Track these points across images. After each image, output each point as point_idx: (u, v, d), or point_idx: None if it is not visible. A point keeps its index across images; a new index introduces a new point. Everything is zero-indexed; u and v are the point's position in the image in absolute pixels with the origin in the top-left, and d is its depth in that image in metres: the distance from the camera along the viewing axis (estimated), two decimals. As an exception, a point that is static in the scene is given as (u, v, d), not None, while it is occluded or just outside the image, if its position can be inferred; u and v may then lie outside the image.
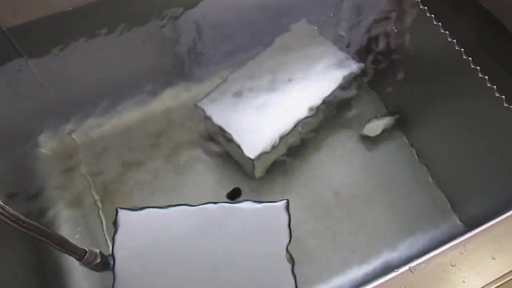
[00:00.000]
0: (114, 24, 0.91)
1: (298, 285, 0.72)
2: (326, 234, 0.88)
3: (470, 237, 0.53)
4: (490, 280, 0.51)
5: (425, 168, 0.94)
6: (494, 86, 0.74)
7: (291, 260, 0.74)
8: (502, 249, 0.52)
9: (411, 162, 0.95)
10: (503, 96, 0.73)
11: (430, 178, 0.93)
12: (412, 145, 0.96)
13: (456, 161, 0.91)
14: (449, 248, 0.52)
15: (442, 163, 0.94)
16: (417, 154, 0.96)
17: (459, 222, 0.90)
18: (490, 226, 0.54)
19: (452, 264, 0.51)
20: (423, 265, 0.51)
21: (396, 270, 0.51)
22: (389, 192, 0.92)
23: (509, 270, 0.52)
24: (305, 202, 0.91)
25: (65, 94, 0.95)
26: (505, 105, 0.73)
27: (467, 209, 0.90)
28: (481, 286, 0.51)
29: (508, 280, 0.51)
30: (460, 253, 0.52)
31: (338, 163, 0.95)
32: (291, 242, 0.75)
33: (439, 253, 0.52)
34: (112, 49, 0.93)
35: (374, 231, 0.89)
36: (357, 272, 0.84)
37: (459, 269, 0.51)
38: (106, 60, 0.95)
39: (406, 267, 0.51)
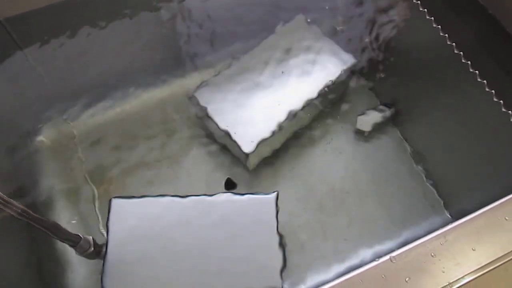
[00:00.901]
0: (112, 15, 0.92)
1: (289, 273, 0.74)
2: (318, 226, 0.89)
3: (451, 228, 0.54)
4: (470, 271, 0.52)
5: (417, 163, 0.95)
6: (485, 81, 0.75)
7: (282, 250, 0.75)
8: (482, 241, 0.53)
9: (404, 156, 0.96)
10: (493, 91, 0.74)
11: (422, 173, 0.94)
12: (405, 140, 0.97)
13: (448, 155, 0.92)
14: (430, 239, 0.53)
15: (434, 157, 0.94)
16: (410, 148, 0.96)
17: (449, 216, 0.91)
18: (471, 218, 0.55)
19: (432, 254, 0.52)
20: (404, 255, 0.52)
21: (376, 259, 0.52)
22: (381, 185, 0.93)
23: (488, 261, 0.52)
24: (299, 194, 0.92)
25: (63, 85, 0.96)
26: (495, 99, 0.74)
27: (458, 203, 0.91)
28: (461, 276, 0.52)
29: (488, 271, 0.52)
30: (441, 244, 0.53)
31: (332, 156, 0.96)
32: (283, 233, 0.76)
33: (420, 244, 0.53)
34: (109, 40, 0.94)
35: (366, 224, 0.90)
36: (347, 263, 0.85)
37: (439, 260, 0.52)
38: (104, 51, 0.96)
39: (387, 257, 0.52)
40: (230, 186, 0.92)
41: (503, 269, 0.53)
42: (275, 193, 0.78)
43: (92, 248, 0.73)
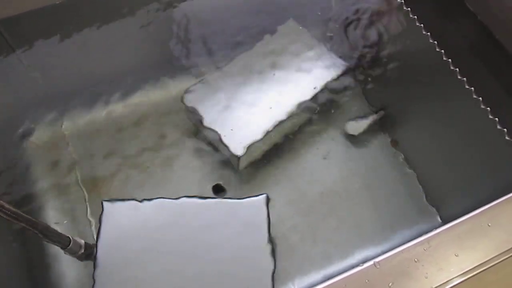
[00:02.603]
0: (104, 17, 0.92)
1: (279, 276, 0.75)
2: (308, 229, 0.89)
3: (434, 234, 0.55)
4: (452, 276, 0.53)
5: (407, 167, 0.96)
6: (472, 88, 0.76)
7: (272, 253, 0.75)
8: (465, 247, 0.54)
9: (394, 161, 0.97)
10: (480, 98, 0.75)
11: (412, 176, 0.95)
12: (394, 144, 0.97)
13: (438, 160, 0.93)
14: (413, 245, 0.54)
15: (423, 162, 0.95)
16: (399, 153, 0.97)
17: (439, 220, 0.92)
18: (454, 224, 0.55)
19: (416, 260, 0.53)
20: (387, 260, 0.53)
21: (361, 264, 0.53)
22: (371, 189, 0.94)
23: (471, 267, 0.53)
24: (289, 197, 0.92)
25: (55, 86, 0.96)
26: (482, 106, 0.75)
27: (448, 207, 0.91)
28: (443, 281, 0.52)
29: (470, 277, 0.53)
30: (424, 249, 0.54)
31: (322, 160, 0.97)
32: (273, 236, 0.77)
33: (404, 249, 0.54)
34: (101, 42, 0.95)
35: (355, 228, 0.90)
36: (336, 266, 0.86)
37: (423, 265, 0.53)
38: (96, 53, 0.96)
39: (370, 262, 0.53)
40: (218, 191, 0.92)
41: (485, 275, 0.53)
42: (264, 195, 0.79)
43: (83, 250, 0.74)
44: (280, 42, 0.96)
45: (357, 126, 0.97)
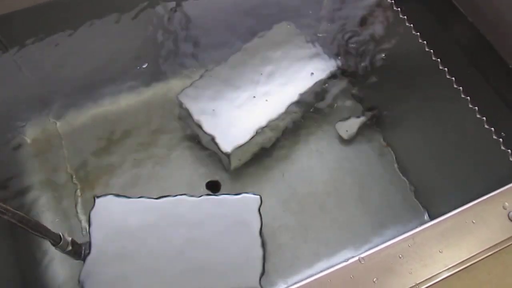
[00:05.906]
0: (97, 16, 0.93)
1: (268, 274, 0.75)
2: (299, 227, 0.90)
3: (419, 231, 0.55)
4: (436, 272, 0.53)
5: (397, 166, 0.96)
6: (460, 88, 0.76)
7: (262, 250, 0.76)
8: (449, 243, 0.55)
9: (385, 161, 0.97)
10: (468, 98, 0.75)
11: (402, 177, 0.95)
12: (387, 145, 0.98)
13: (428, 161, 0.93)
14: (398, 241, 0.55)
15: (415, 162, 0.96)
16: (391, 153, 0.98)
17: (428, 219, 0.92)
18: (439, 221, 0.56)
19: (400, 256, 0.54)
20: (372, 256, 0.53)
21: (346, 260, 0.53)
22: (362, 188, 0.94)
23: (455, 263, 0.54)
24: (280, 196, 0.93)
25: (48, 84, 0.97)
26: (470, 106, 0.75)
27: (437, 206, 0.92)
28: (427, 277, 0.53)
29: (454, 273, 0.54)
30: (409, 245, 0.54)
31: (314, 159, 0.97)
32: (264, 234, 0.78)
33: (388, 245, 0.54)
34: (94, 41, 0.95)
35: (345, 226, 0.91)
36: (325, 264, 0.87)
37: (407, 261, 0.53)
38: (88, 52, 0.96)
39: (355, 258, 0.53)
40: (213, 188, 0.93)
41: (469, 271, 0.54)
42: (258, 196, 0.80)
43: (70, 247, 0.74)
44: (272, 42, 0.96)
45: (349, 126, 0.98)
